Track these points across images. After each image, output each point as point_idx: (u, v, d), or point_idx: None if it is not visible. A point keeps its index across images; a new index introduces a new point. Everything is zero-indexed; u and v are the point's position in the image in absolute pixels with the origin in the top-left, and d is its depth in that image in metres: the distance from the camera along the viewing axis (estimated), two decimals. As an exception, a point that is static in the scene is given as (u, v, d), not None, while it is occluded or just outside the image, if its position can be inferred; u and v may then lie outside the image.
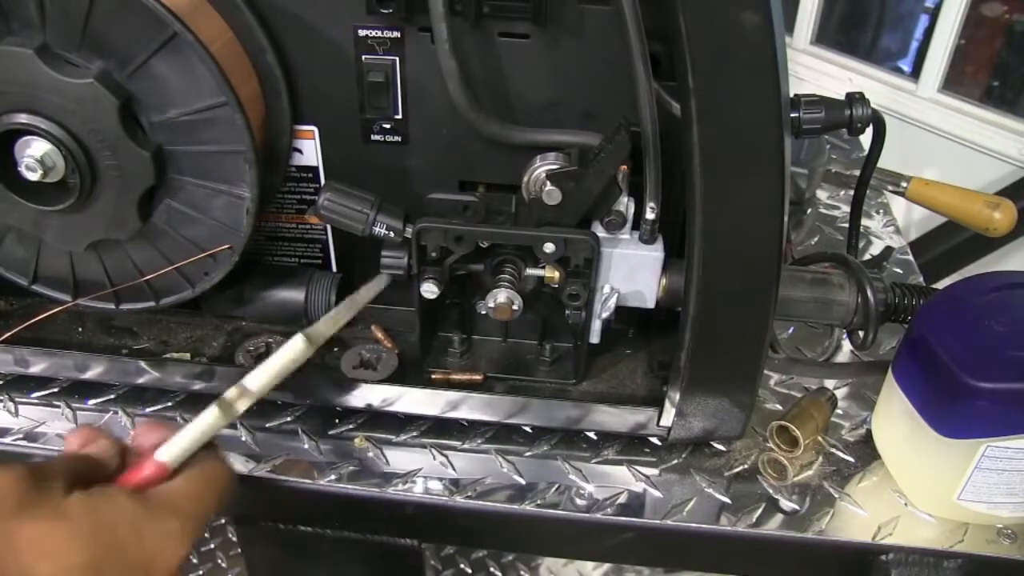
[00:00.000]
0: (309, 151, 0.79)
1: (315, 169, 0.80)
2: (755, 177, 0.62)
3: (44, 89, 0.66)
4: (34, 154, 0.67)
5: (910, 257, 1.09)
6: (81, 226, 0.73)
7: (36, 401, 0.81)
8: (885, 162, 0.88)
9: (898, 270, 1.06)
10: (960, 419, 0.66)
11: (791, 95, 0.68)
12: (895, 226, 1.13)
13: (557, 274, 0.73)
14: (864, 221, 1.12)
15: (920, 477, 0.72)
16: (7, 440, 0.77)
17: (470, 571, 1.49)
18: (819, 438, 0.80)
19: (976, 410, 0.64)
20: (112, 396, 0.82)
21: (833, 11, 2.14)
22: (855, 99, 0.69)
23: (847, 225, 0.93)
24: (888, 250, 1.06)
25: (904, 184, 1.11)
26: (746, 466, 0.77)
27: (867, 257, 1.07)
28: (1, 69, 0.65)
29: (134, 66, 0.66)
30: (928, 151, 1.81)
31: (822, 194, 1.18)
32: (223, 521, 1.59)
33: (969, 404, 0.64)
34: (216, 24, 0.68)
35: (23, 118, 0.66)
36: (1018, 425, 0.64)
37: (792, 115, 0.68)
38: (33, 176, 0.68)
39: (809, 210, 1.10)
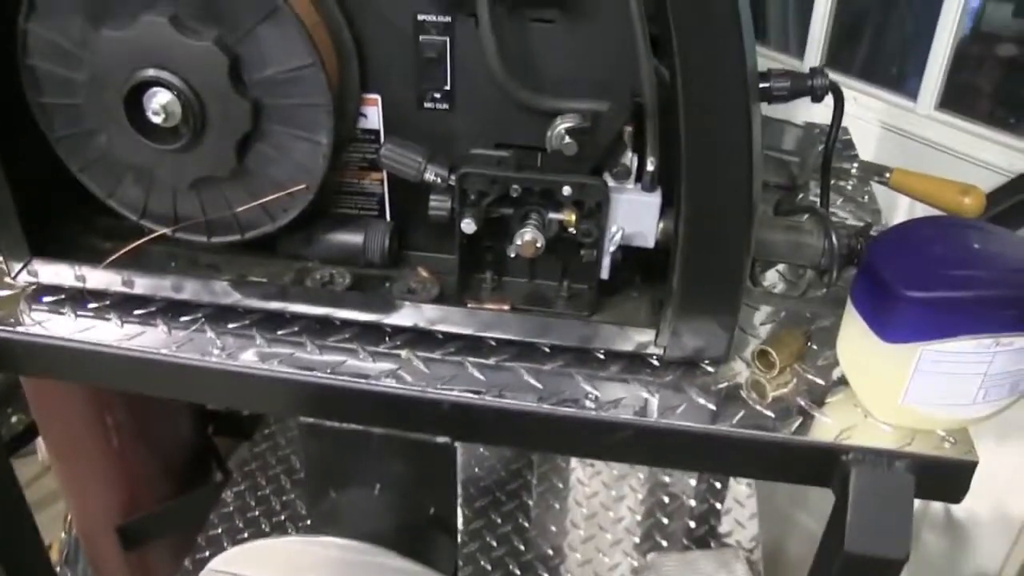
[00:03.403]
0: (372, 116, 0.95)
1: (376, 132, 0.96)
2: (727, 126, 0.77)
3: (172, 50, 0.83)
4: (160, 102, 0.85)
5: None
6: (188, 164, 0.90)
7: (136, 319, 0.98)
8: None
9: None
10: (898, 325, 0.80)
11: (766, 69, 0.84)
12: (878, 210, 1.28)
13: (574, 216, 0.89)
14: (850, 207, 1.27)
15: (871, 383, 0.86)
16: (117, 344, 0.94)
17: (495, 543, 1.63)
18: (795, 366, 0.94)
19: (911, 316, 0.78)
20: (201, 315, 0.98)
21: (843, 35, 2.30)
22: (816, 72, 0.85)
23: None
24: (868, 225, 1.20)
25: (887, 175, 1.26)
26: (730, 384, 0.92)
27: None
28: (143, 34, 0.83)
29: (242, 32, 0.84)
30: (925, 164, 1.95)
31: (813, 185, 1.33)
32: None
33: (905, 311, 0.78)
34: (306, 3, 0.85)
35: (153, 72, 0.84)
36: (948, 330, 0.78)
37: (763, 85, 0.84)
38: (157, 120, 0.86)
39: (801, 195, 1.25)
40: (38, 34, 0.87)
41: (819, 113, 0.96)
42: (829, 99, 0.93)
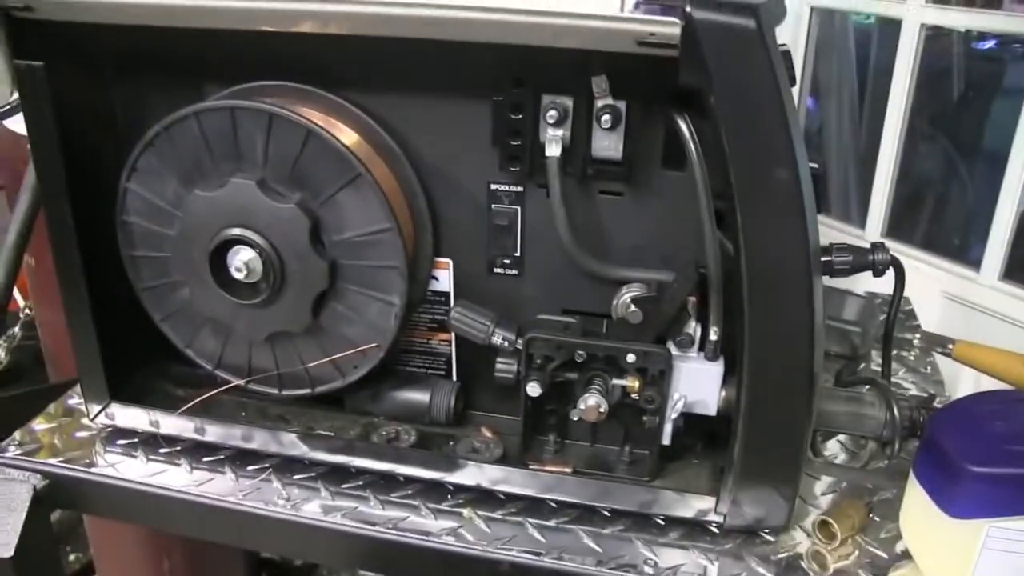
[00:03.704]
0: (443, 279, 0.99)
1: (447, 294, 0.99)
2: (790, 299, 0.79)
3: (257, 211, 0.88)
4: (243, 259, 0.90)
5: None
6: (265, 318, 0.94)
7: (205, 466, 1.01)
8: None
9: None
10: (963, 501, 0.79)
11: (828, 244, 0.86)
12: (941, 382, 1.27)
13: (637, 383, 0.90)
14: (912, 377, 1.26)
15: (938, 560, 0.84)
16: (185, 490, 0.97)
17: None
18: (857, 537, 0.93)
19: (976, 492, 0.78)
20: (268, 465, 1.00)
21: (905, 205, 2.34)
22: (877, 247, 0.87)
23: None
24: (931, 396, 1.20)
25: (951, 346, 1.26)
26: (791, 554, 0.91)
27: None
28: (231, 195, 0.88)
29: (324, 197, 0.89)
30: (989, 334, 1.94)
31: (875, 355, 1.33)
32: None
33: (969, 486, 0.78)
34: (385, 171, 0.90)
35: (238, 231, 0.89)
36: (1016, 507, 0.77)
37: (825, 259, 0.86)
38: (239, 276, 0.90)
39: (863, 365, 1.25)
40: (137, 193, 0.93)
41: (881, 283, 0.98)
42: (891, 271, 0.94)
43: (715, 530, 0.93)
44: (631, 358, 0.89)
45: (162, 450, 1.03)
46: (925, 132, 2.45)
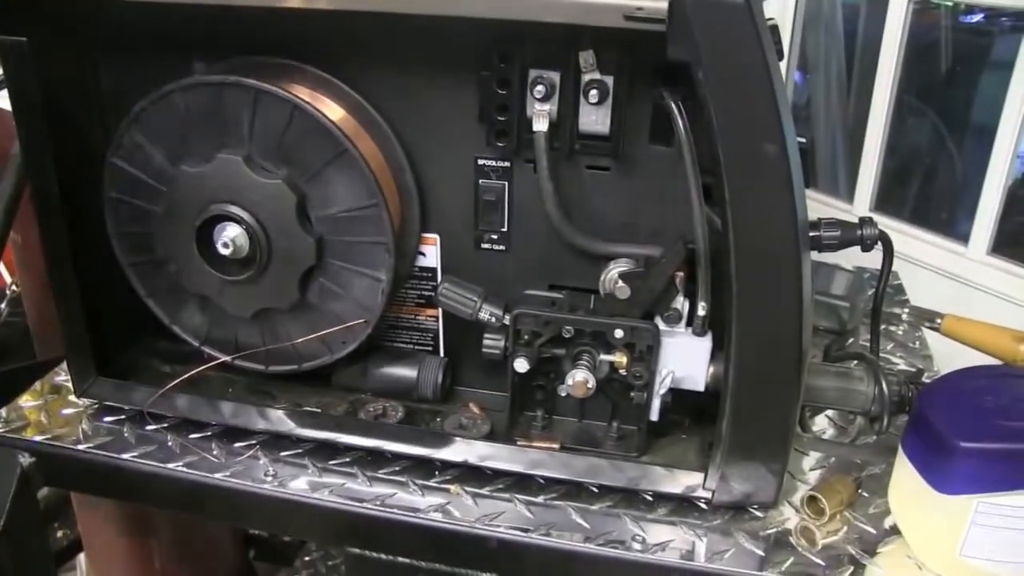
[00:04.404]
0: (431, 254, 0.98)
1: (434, 270, 0.99)
2: (778, 274, 0.79)
3: (244, 187, 0.88)
4: (229, 235, 0.89)
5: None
6: (252, 295, 0.94)
7: (192, 443, 1.00)
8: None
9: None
10: (953, 477, 0.79)
11: (816, 219, 0.86)
12: (930, 356, 1.28)
13: (625, 359, 0.90)
14: (900, 352, 1.27)
15: (926, 535, 0.85)
16: (172, 467, 0.96)
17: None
18: (846, 513, 0.93)
19: (966, 468, 0.78)
20: (255, 442, 1.00)
21: (893, 180, 2.34)
22: (865, 222, 0.87)
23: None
24: (920, 371, 1.20)
25: (939, 320, 1.27)
26: (779, 529, 0.91)
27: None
28: (217, 171, 0.88)
29: (311, 173, 0.88)
30: (978, 309, 1.95)
31: (864, 330, 1.33)
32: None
33: (959, 462, 0.78)
34: (371, 147, 0.90)
35: (225, 207, 0.88)
36: (1005, 482, 0.77)
37: (814, 234, 0.86)
38: (225, 252, 0.90)
39: (851, 340, 1.25)
40: (123, 169, 0.92)
41: (869, 257, 0.98)
42: (879, 246, 0.94)
43: (703, 506, 0.93)
44: (619, 334, 0.89)
45: (149, 427, 1.02)
46: (913, 106, 2.45)
